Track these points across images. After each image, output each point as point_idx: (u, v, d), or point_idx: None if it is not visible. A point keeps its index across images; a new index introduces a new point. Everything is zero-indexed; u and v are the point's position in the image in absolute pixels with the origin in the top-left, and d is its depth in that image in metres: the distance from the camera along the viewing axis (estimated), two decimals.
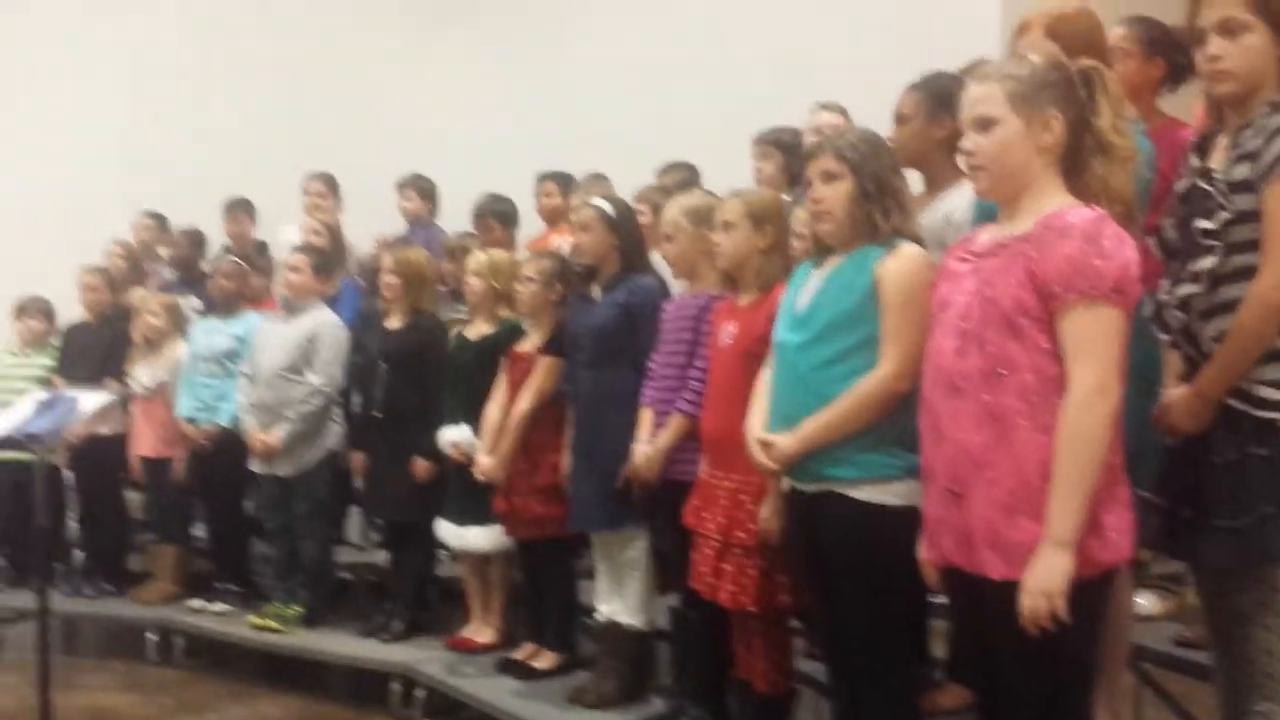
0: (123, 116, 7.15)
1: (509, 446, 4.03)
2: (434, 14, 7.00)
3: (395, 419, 4.59)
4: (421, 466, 4.54)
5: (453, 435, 4.36)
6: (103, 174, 7.02)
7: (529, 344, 4.18)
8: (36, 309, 5.94)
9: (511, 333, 4.32)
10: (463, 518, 4.35)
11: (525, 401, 4.03)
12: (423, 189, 5.94)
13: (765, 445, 2.65)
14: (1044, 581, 2.00)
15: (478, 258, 4.45)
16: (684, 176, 4.71)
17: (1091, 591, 2.07)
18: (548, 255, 4.34)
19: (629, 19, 6.62)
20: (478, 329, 4.45)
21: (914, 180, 3.12)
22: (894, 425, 2.50)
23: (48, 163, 7.07)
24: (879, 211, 2.60)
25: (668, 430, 3.39)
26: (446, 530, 4.42)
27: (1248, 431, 2.20)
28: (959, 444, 2.13)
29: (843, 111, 4.06)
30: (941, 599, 2.45)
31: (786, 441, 2.59)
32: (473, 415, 4.29)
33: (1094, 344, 2.03)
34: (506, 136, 6.60)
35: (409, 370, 4.58)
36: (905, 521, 2.39)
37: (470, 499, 4.29)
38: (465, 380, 4.38)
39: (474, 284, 4.40)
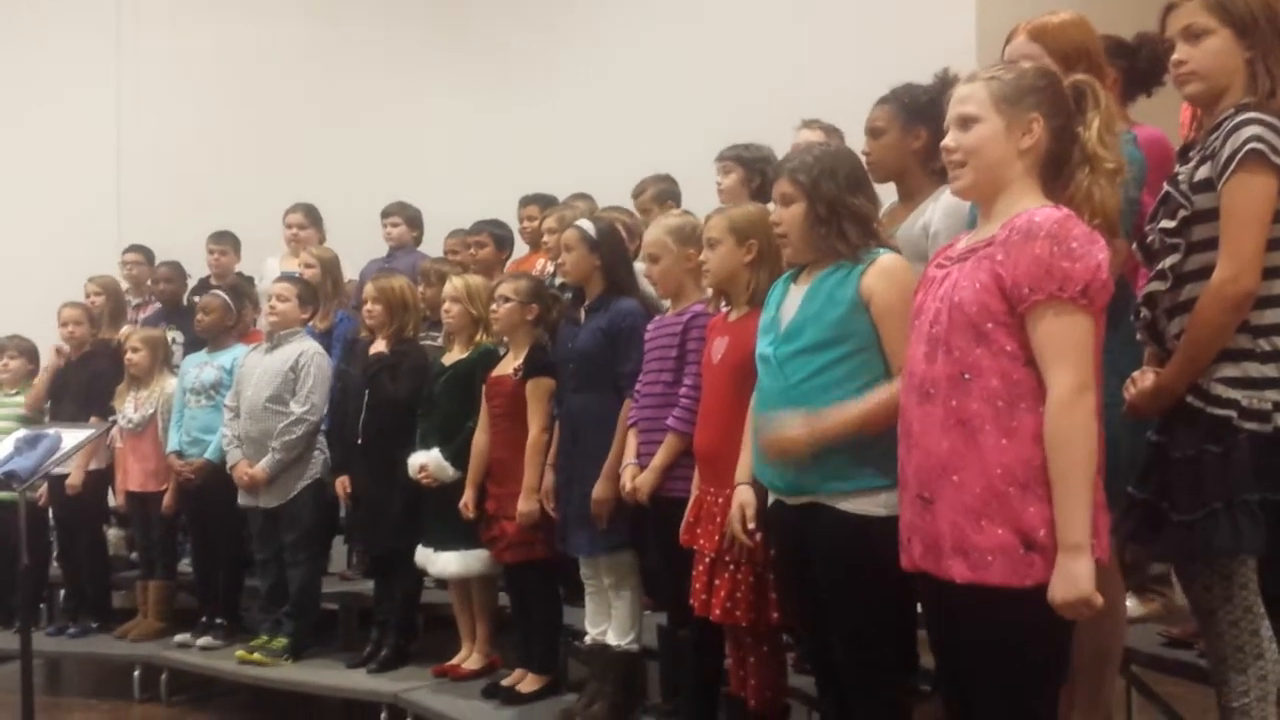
0: (105, 153, 7.19)
1: (534, 478, 3.99)
2: (416, 40, 7.07)
3: (378, 446, 4.57)
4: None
5: (421, 459, 4.34)
6: (83, 210, 7.06)
7: (507, 367, 4.18)
8: (17, 348, 5.92)
9: (485, 357, 4.33)
10: (436, 543, 4.34)
11: (535, 428, 4.01)
12: (408, 216, 5.99)
13: (785, 440, 2.55)
14: (1072, 592, 1.97)
15: (454, 283, 4.44)
16: (664, 188, 4.74)
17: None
18: (523, 275, 4.35)
19: (612, 42, 6.70)
20: (453, 355, 4.45)
21: (888, 193, 3.16)
22: (879, 437, 2.49)
23: (27, 200, 7.11)
24: (834, 234, 2.61)
25: (661, 449, 3.38)
26: (421, 555, 4.40)
27: (1203, 428, 2.24)
28: (928, 450, 2.13)
29: (831, 129, 4.07)
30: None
31: (800, 439, 2.52)
32: (444, 440, 4.30)
33: (1067, 345, 2.02)
34: (490, 161, 6.65)
35: (392, 397, 4.57)
36: (890, 531, 2.38)
37: (443, 524, 4.29)
38: (438, 405, 4.39)
39: (451, 309, 4.41)
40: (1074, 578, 1.98)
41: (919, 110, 3.01)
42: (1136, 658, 3.12)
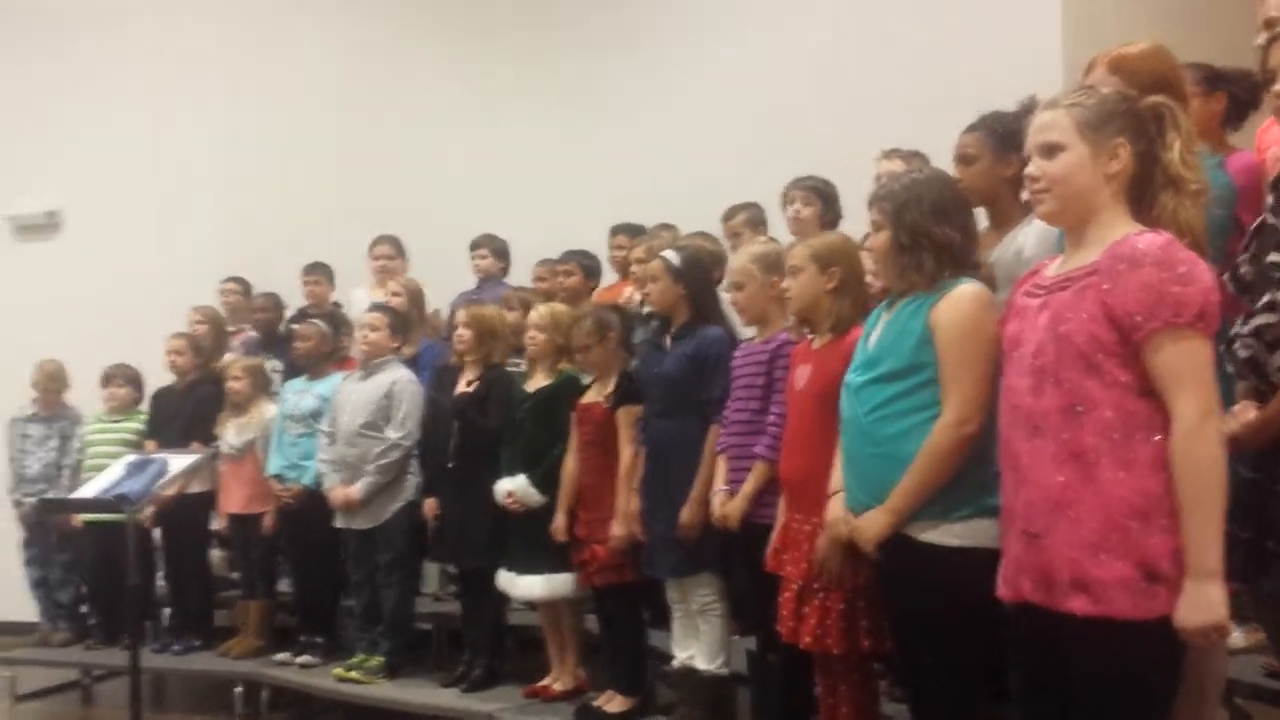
0: (204, 185, 7.43)
1: (625, 502, 4.04)
2: (504, 72, 7.21)
3: (468, 469, 4.66)
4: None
5: (507, 485, 4.42)
6: (185, 242, 7.32)
7: (598, 394, 4.23)
8: (123, 376, 6.17)
9: (568, 384, 4.39)
10: (519, 567, 4.41)
11: (627, 454, 4.06)
12: (496, 248, 6.10)
13: (858, 535, 2.62)
14: (1206, 617, 1.96)
15: (540, 311, 4.52)
16: (755, 214, 4.79)
17: (1171, 627, 2.03)
18: (592, 310, 4.39)
19: (698, 74, 6.73)
20: (536, 381, 4.52)
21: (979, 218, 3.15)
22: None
23: (133, 233, 7.40)
24: (913, 263, 2.63)
25: (751, 477, 3.41)
26: (504, 579, 4.48)
27: None
28: (1039, 485, 2.10)
29: (914, 156, 4.07)
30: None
31: (878, 522, 2.57)
32: (528, 466, 4.38)
33: (1189, 371, 2.00)
34: (579, 193, 6.73)
35: (481, 428, 4.64)
36: (969, 561, 2.39)
37: (528, 548, 4.36)
38: (522, 432, 4.46)
39: (536, 337, 4.48)
40: (1209, 604, 1.96)
41: (1010, 137, 3.00)
42: (1239, 689, 3.05)
